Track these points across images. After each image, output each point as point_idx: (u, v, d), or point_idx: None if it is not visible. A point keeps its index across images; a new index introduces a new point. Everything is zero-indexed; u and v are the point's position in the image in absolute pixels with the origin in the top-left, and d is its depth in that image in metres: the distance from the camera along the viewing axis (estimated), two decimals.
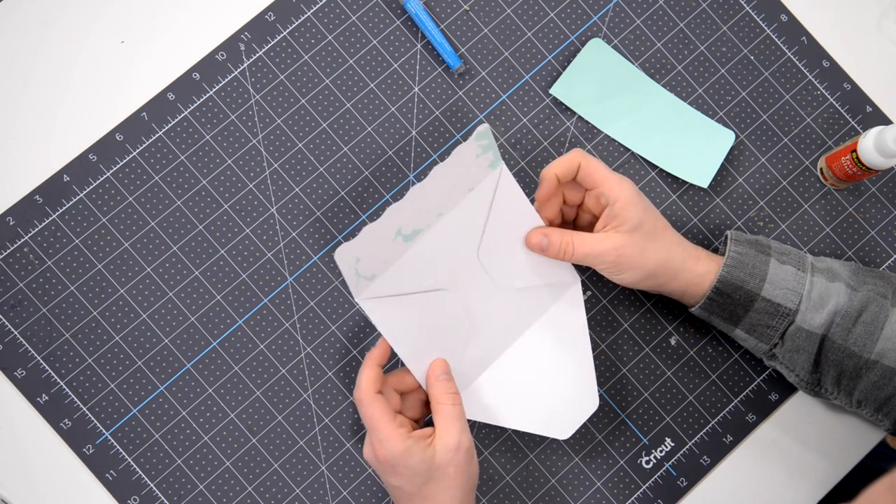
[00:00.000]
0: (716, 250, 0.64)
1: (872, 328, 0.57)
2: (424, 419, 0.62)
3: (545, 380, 0.63)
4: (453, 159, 0.57)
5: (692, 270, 0.59)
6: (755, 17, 0.71)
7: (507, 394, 0.62)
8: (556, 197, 0.61)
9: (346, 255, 0.56)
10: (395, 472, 0.55)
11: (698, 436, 0.67)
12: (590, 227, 0.62)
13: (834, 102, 0.70)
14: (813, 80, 0.70)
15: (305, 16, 0.69)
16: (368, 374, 0.57)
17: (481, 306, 0.61)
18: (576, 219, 0.64)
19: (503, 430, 0.66)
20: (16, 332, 0.64)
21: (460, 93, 0.69)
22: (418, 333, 0.59)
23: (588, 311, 0.67)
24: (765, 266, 0.59)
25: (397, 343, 0.59)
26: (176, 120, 0.67)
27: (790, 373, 0.61)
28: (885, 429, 0.60)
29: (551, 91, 0.69)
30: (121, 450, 0.64)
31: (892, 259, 0.69)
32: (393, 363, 0.65)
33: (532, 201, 0.61)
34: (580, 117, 0.69)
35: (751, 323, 0.59)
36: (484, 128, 0.56)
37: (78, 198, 0.66)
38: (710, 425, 0.67)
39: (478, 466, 0.58)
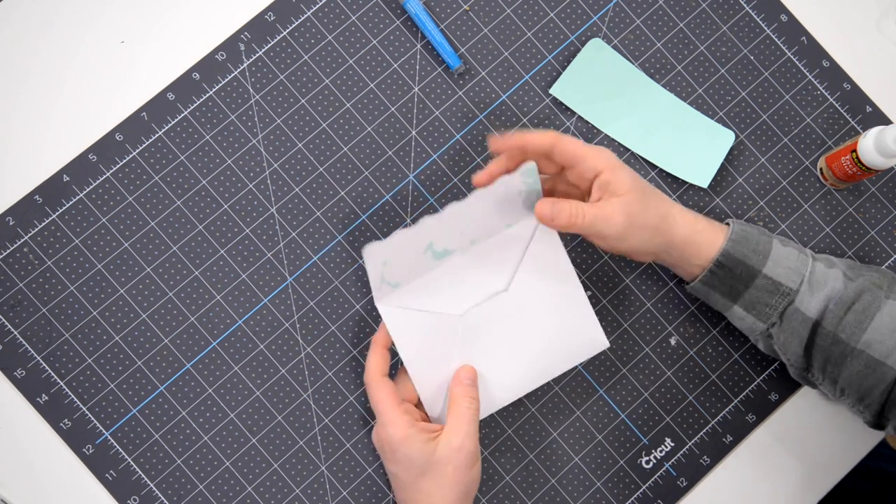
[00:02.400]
0: None
1: (863, 317, 0.57)
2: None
3: (551, 341, 0.62)
4: (496, 188, 0.57)
5: (692, 225, 0.59)
6: (755, 17, 0.71)
7: (518, 368, 0.62)
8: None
9: (375, 256, 0.57)
10: (394, 458, 0.56)
11: (698, 436, 0.67)
12: None
13: (834, 102, 0.70)
14: (813, 80, 0.70)
15: (305, 16, 0.68)
16: (375, 359, 0.59)
17: (494, 339, 0.61)
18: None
19: (503, 429, 0.66)
20: (16, 332, 0.64)
21: (460, 93, 0.69)
22: (426, 347, 0.60)
23: None
24: (768, 245, 0.59)
25: (405, 351, 0.60)
26: (176, 120, 0.67)
27: (781, 355, 0.61)
28: (865, 421, 0.60)
29: (551, 91, 0.69)
30: (121, 450, 0.64)
31: (892, 259, 0.69)
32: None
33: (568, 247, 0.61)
34: (580, 117, 0.69)
35: (750, 300, 0.59)
36: (530, 165, 0.56)
37: (78, 198, 0.66)
38: (710, 425, 0.67)
39: (479, 474, 0.58)
